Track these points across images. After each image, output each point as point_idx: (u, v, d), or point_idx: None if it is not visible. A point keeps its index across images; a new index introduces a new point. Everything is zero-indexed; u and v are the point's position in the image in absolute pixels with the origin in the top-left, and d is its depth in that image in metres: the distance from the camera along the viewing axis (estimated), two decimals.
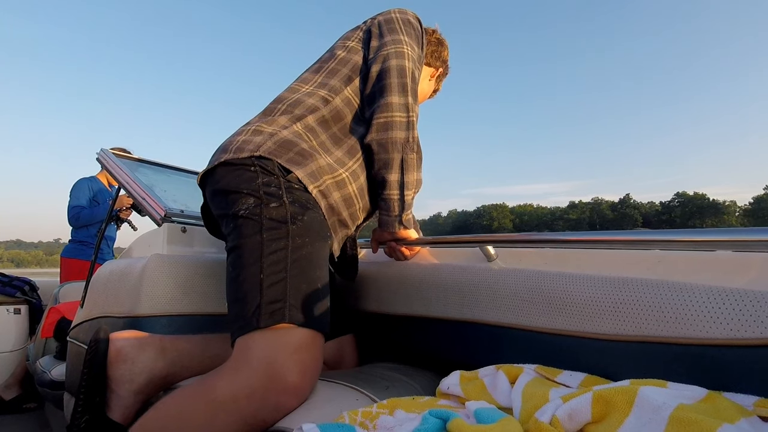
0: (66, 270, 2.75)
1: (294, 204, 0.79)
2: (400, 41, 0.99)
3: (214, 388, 0.66)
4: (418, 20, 1.08)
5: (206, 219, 0.99)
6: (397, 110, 0.92)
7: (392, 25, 1.02)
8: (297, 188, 0.82)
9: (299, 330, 0.70)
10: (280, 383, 0.66)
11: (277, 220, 0.76)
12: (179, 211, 1.32)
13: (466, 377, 0.72)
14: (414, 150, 0.94)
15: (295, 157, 0.84)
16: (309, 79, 1.00)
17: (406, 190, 0.96)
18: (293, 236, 0.76)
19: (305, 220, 0.79)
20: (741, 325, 0.52)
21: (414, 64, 0.99)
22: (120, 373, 0.82)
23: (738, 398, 0.49)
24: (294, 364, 0.67)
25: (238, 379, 0.66)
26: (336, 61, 1.01)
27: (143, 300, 1.03)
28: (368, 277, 1.14)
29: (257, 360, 0.67)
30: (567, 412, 0.50)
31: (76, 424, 0.78)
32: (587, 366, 0.66)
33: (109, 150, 1.68)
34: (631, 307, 0.63)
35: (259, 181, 0.80)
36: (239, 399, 0.64)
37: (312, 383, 0.70)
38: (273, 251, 0.74)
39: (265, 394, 0.65)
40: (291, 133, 0.87)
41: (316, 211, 0.83)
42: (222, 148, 0.87)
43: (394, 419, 0.58)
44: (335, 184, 0.89)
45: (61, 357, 1.71)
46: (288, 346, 0.69)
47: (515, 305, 0.79)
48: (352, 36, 1.05)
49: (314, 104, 0.93)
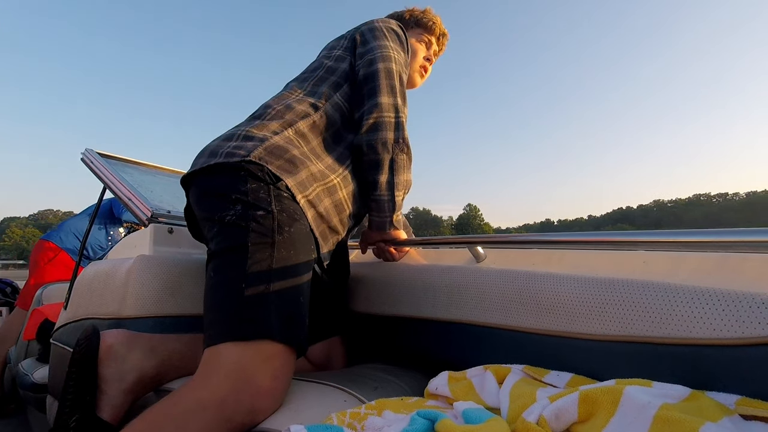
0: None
1: (282, 213, 0.78)
2: (386, 46, 1.00)
3: (181, 400, 0.64)
4: (402, 28, 1.10)
5: (189, 221, 0.98)
6: (387, 111, 0.93)
7: (376, 32, 1.04)
8: (286, 197, 0.81)
9: (274, 344, 0.69)
10: (252, 386, 0.65)
11: (264, 230, 0.75)
12: (166, 212, 1.30)
13: (454, 378, 0.72)
14: (404, 151, 0.95)
15: (286, 165, 0.83)
16: (298, 87, 1.00)
17: (397, 191, 0.96)
18: (278, 247, 0.75)
19: (292, 232, 0.78)
20: (723, 325, 0.53)
21: (401, 67, 1.00)
22: (110, 372, 0.81)
23: (720, 397, 0.50)
24: (266, 370, 0.66)
25: (207, 386, 0.65)
26: (324, 70, 1.02)
27: (129, 301, 1.01)
28: (357, 278, 1.14)
29: (227, 367, 0.66)
30: (554, 412, 0.51)
31: (64, 424, 0.77)
32: (574, 366, 0.67)
33: (93, 150, 1.66)
34: (617, 307, 0.64)
35: (248, 186, 0.78)
36: (208, 407, 0.62)
37: (285, 388, 0.69)
38: (256, 261, 0.73)
39: (238, 397, 0.64)
40: (282, 139, 0.87)
41: (302, 223, 0.82)
42: (210, 152, 0.85)
43: (383, 420, 0.58)
44: (326, 191, 0.89)
45: (44, 359, 1.68)
46: (260, 354, 0.67)
47: (503, 306, 0.79)
48: (338, 45, 1.07)
49: (305, 110, 0.93)
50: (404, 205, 1.04)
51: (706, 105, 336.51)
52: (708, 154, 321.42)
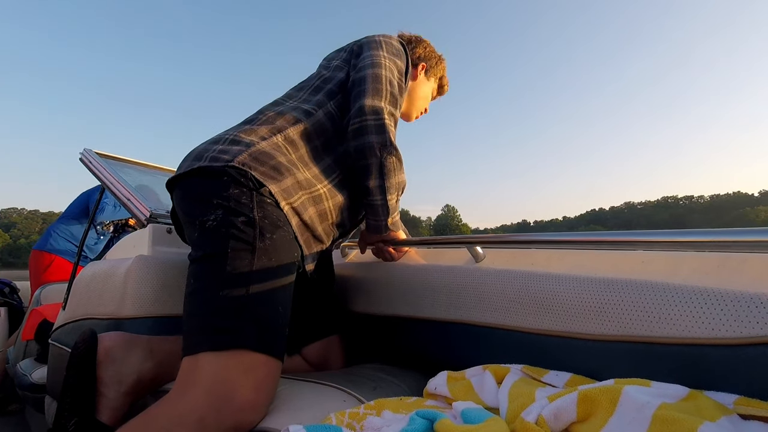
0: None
1: (264, 220, 0.77)
2: (378, 55, 1.01)
3: (157, 417, 0.63)
4: (401, 43, 1.11)
5: (176, 223, 0.97)
6: (370, 113, 0.93)
7: (372, 44, 1.04)
8: (269, 203, 0.80)
9: (253, 354, 0.68)
10: (234, 402, 0.63)
11: (244, 236, 0.74)
12: (165, 212, 1.30)
13: (453, 377, 0.72)
14: (392, 153, 0.94)
15: (270, 171, 0.82)
16: (294, 95, 1.01)
17: (389, 194, 0.96)
18: (259, 255, 0.74)
19: (274, 239, 0.77)
20: (722, 325, 0.53)
21: (391, 72, 1.00)
22: (109, 374, 0.81)
23: (719, 397, 0.50)
24: (246, 382, 0.65)
25: (185, 402, 0.63)
26: (321, 80, 1.03)
27: (128, 301, 1.01)
28: (355, 278, 1.14)
29: (206, 379, 0.64)
30: (553, 412, 0.51)
31: (62, 426, 0.76)
32: (573, 366, 0.67)
33: (92, 150, 1.66)
34: (616, 307, 0.64)
35: (230, 192, 0.77)
36: (187, 423, 0.61)
37: (268, 400, 0.68)
38: (236, 269, 0.71)
39: (219, 416, 0.62)
40: (269, 145, 0.86)
41: (285, 230, 0.81)
42: (196, 155, 0.85)
43: (382, 420, 0.58)
44: (311, 200, 0.88)
45: (42, 360, 1.68)
46: (240, 366, 0.66)
47: (502, 306, 0.79)
48: (336, 56, 1.08)
49: (297, 117, 0.93)
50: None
51: (675, 112, 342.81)
52: (676, 159, 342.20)
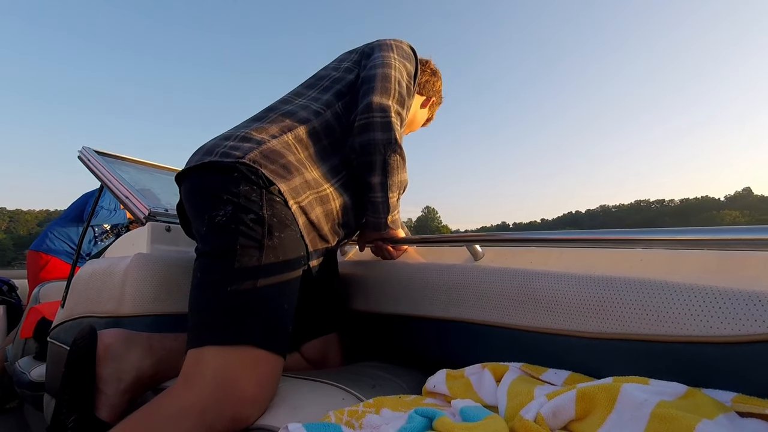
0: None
1: (273, 218, 0.77)
2: (389, 56, 1.02)
3: (162, 407, 0.63)
4: (412, 49, 1.12)
5: (182, 217, 0.97)
6: (376, 111, 0.93)
7: (383, 46, 1.06)
8: (278, 201, 0.80)
9: (258, 350, 0.68)
10: (235, 393, 0.64)
11: (253, 233, 0.74)
12: (163, 210, 1.30)
13: (452, 376, 0.72)
14: (396, 151, 0.94)
15: (280, 170, 0.82)
16: (303, 93, 1.01)
17: (390, 192, 0.96)
18: (267, 252, 0.74)
19: (282, 237, 0.77)
20: (720, 323, 0.53)
21: (400, 74, 1.01)
22: (108, 372, 0.81)
23: (717, 394, 0.50)
24: (249, 377, 0.66)
25: (189, 393, 0.64)
26: (330, 80, 1.03)
27: (127, 299, 1.01)
28: (355, 276, 1.14)
29: (210, 372, 0.65)
30: (551, 410, 0.51)
31: (61, 423, 0.76)
32: (572, 364, 0.67)
33: (91, 148, 1.65)
34: (615, 305, 0.64)
35: (240, 188, 0.77)
36: (190, 415, 0.61)
37: (269, 396, 0.68)
38: (243, 265, 0.72)
39: (220, 406, 0.63)
40: (280, 144, 0.86)
41: (293, 229, 0.81)
42: (206, 150, 0.85)
43: (381, 418, 0.58)
44: (318, 199, 0.88)
45: (41, 358, 1.68)
46: (244, 361, 0.67)
47: (501, 304, 0.79)
48: (348, 58, 1.09)
49: (306, 116, 0.93)
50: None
51: (652, 118, 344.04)
52: (649, 165, 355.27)
